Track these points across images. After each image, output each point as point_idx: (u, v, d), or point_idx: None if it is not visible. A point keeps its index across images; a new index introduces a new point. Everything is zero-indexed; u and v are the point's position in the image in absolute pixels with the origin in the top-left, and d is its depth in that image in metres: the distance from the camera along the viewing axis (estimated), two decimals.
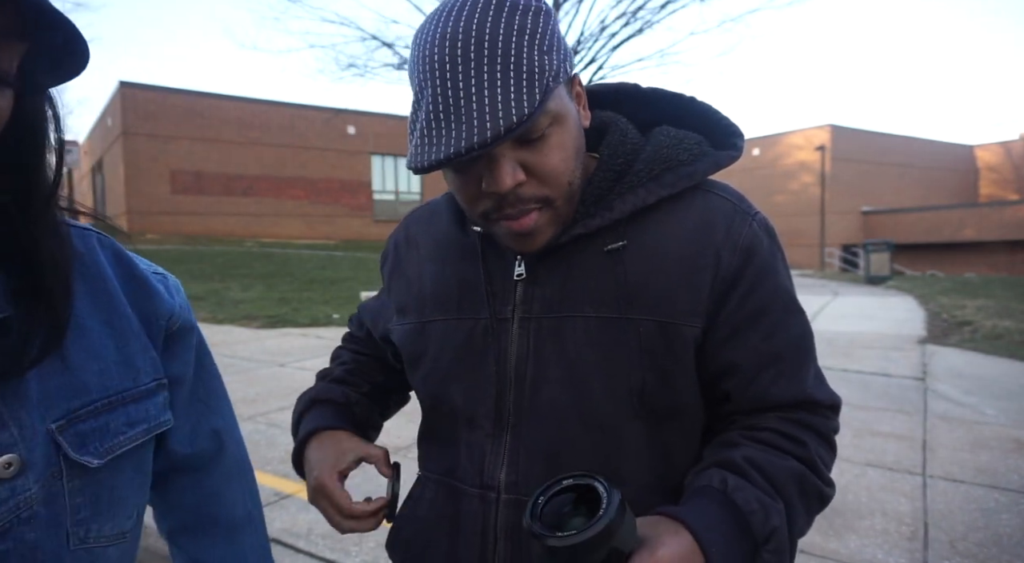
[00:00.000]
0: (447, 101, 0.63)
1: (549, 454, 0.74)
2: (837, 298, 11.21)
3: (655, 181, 0.75)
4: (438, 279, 0.84)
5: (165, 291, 0.70)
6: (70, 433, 0.57)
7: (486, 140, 0.60)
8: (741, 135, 0.79)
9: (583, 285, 0.74)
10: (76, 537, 0.58)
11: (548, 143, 0.68)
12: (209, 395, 0.79)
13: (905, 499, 3.02)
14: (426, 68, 0.65)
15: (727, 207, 0.76)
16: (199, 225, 21.06)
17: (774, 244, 0.77)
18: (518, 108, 0.61)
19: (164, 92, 20.74)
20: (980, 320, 7.77)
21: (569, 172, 0.71)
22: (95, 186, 26.44)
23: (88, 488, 0.59)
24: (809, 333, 0.78)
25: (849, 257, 25.79)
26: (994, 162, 34.12)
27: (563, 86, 0.69)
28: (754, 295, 0.73)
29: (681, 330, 0.72)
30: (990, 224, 25.21)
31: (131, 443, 0.63)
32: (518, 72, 0.63)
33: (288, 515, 2.88)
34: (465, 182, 0.70)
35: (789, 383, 0.74)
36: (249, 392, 5.02)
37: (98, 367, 0.60)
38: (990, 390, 4.90)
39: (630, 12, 13.27)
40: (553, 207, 0.71)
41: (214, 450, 0.79)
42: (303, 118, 22.66)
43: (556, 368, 0.74)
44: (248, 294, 10.46)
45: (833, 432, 0.77)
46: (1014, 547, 2.56)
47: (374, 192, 24.15)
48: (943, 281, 14.06)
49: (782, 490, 0.68)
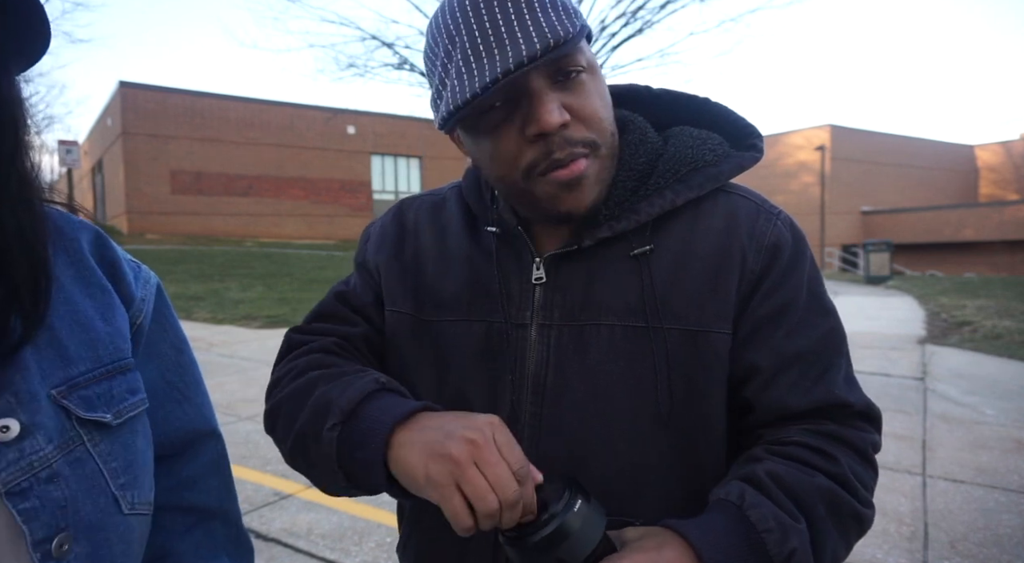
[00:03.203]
0: (485, 33, 0.62)
1: (568, 464, 0.70)
2: (837, 298, 11.20)
3: (682, 183, 0.72)
4: (444, 277, 0.79)
5: (134, 281, 0.71)
6: (74, 398, 0.58)
7: (535, 54, 0.59)
8: (760, 136, 0.77)
9: (607, 291, 0.71)
10: (127, 502, 0.60)
11: (586, 87, 0.66)
12: (186, 385, 0.78)
13: (905, 499, 3.02)
14: (458, 16, 0.64)
15: (751, 208, 0.74)
16: (199, 225, 21.06)
17: (801, 243, 0.74)
18: (562, 28, 0.61)
19: (164, 92, 20.75)
20: (980, 320, 7.77)
21: (609, 120, 0.69)
22: (95, 186, 26.44)
23: (119, 452, 0.61)
24: (839, 333, 0.74)
25: (849, 257, 25.79)
26: (994, 162, 34.12)
27: (588, 45, 0.69)
28: (777, 293, 0.71)
29: (711, 338, 0.69)
30: (990, 224, 25.21)
31: (137, 408, 0.65)
32: (554, 5, 0.63)
33: (288, 515, 2.88)
34: (504, 137, 0.66)
35: (814, 385, 0.69)
36: (249, 392, 5.01)
37: (88, 338, 0.62)
38: (990, 390, 4.90)
39: (630, 12, 13.28)
40: (599, 155, 0.68)
41: (190, 439, 0.78)
42: (303, 118, 22.67)
43: (577, 379, 0.71)
44: (248, 294, 10.46)
45: (872, 447, 0.70)
46: (1014, 547, 2.56)
47: (374, 192, 24.17)
48: (943, 281, 14.06)
49: (807, 509, 0.62)
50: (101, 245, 0.69)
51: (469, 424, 0.59)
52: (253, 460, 3.59)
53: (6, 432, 0.53)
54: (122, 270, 0.70)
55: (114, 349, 0.64)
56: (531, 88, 0.64)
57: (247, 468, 3.47)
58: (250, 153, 21.86)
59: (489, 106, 0.65)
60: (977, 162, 34.38)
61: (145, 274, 0.74)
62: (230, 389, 5.11)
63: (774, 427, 0.70)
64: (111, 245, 0.70)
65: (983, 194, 33.97)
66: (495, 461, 0.56)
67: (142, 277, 0.73)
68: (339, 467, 0.64)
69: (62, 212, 0.67)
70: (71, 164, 19.92)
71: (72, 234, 0.66)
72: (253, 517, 2.87)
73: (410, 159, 25.13)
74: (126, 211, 20.33)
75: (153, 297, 0.74)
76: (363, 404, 0.65)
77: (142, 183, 20.23)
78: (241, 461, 3.56)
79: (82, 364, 0.60)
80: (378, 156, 24.36)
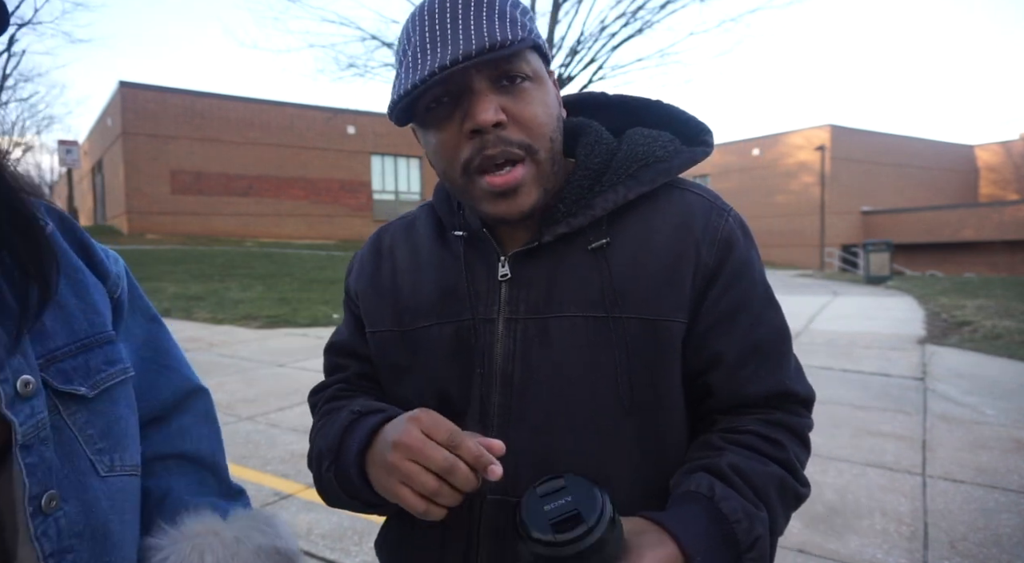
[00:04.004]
0: (434, 32, 0.68)
1: (536, 454, 0.74)
2: (837, 298, 11.21)
3: (633, 178, 0.77)
4: (418, 287, 0.83)
5: (106, 258, 0.76)
6: (52, 371, 0.62)
7: (471, 53, 0.64)
8: (710, 132, 0.82)
9: (568, 285, 0.75)
10: (104, 465, 0.64)
11: (528, 94, 0.71)
12: (163, 355, 0.83)
13: (905, 499, 3.02)
14: (416, 21, 0.71)
15: (703, 204, 0.78)
16: (199, 225, 21.07)
17: (749, 239, 0.79)
18: (501, 34, 0.66)
19: (164, 92, 20.76)
20: (980, 320, 7.77)
21: (551, 129, 0.73)
22: (95, 186, 26.45)
23: (95, 420, 0.65)
24: (787, 327, 0.80)
25: (849, 257, 25.80)
26: (994, 162, 34.13)
27: (539, 57, 0.74)
28: (735, 288, 0.76)
29: (668, 326, 0.73)
30: (990, 224, 25.22)
31: (116, 378, 0.68)
32: (501, 15, 0.69)
33: (288, 515, 2.88)
34: (446, 131, 0.72)
35: (770, 374, 0.76)
36: (249, 392, 5.02)
37: (63, 314, 0.65)
38: (990, 390, 4.90)
39: (630, 12, 13.31)
40: (537, 161, 0.72)
41: (178, 399, 0.84)
42: (303, 118, 22.68)
43: (543, 369, 0.74)
44: (248, 294, 10.46)
45: (807, 430, 0.79)
46: (1014, 547, 2.56)
47: (374, 192, 24.16)
48: (943, 281, 14.07)
49: (765, 498, 0.69)
50: (70, 228, 0.73)
51: (396, 426, 0.68)
52: (253, 460, 3.59)
53: (27, 387, 0.58)
54: (93, 248, 0.74)
55: (88, 324, 0.67)
56: (473, 87, 0.69)
57: (247, 468, 3.46)
58: (250, 153, 21.87)
59: (433, 103, 0.71)
60: (977, 162, 34.39)
61: (114, 255, 0.79)
62: (230, 389, 5.11)
63: (730, 414, 0.77)
64: (78, 227, 0.74)
65: (983, 194, 33.99)
66: (419, 446, 0.64)
67: (112, 256, 0.78)
68: (350, 497, 0.75)
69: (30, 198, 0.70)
70: (71, 164, 19.94)
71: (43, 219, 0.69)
72: None
73: (410, 159, 25.13)
74: (126, 211, 20.33)
75: (125, 275, 0.78)
76: (343, 440, 0.74)
77: (142, 183, 20.24)
78: (241, 461, 3.55)
79: (58, 339, 0.64)
80: (378, 156, 24.36)
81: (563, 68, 15.03)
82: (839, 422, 4.15)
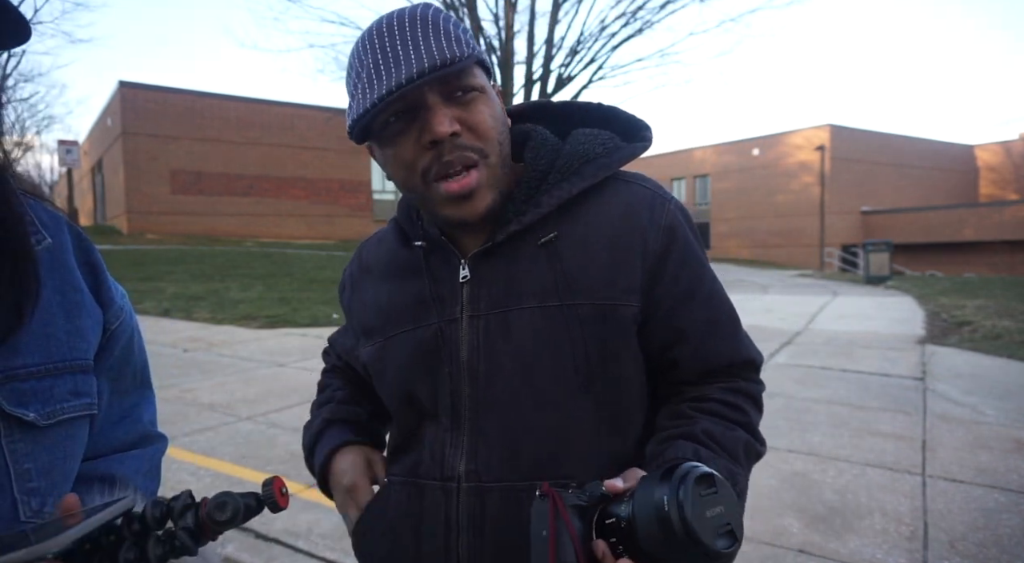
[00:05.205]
0: (386, 54, 0.73)
1: (506, 440, 0.79)
2: (837, 298, 11.21)
3: (577, 174, 0.83)
4: (392, 297, 0.89)
5: (114, 288, 0.72)
6: (6, 389, 0.56)
7: (424, 70, 0.69)
8: (648, 128, 0.89)
9: (524, 279, 0.80)
10: (28, 510, 0.55)
11: (477, 104, 0.77)
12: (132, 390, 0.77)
13: (905, 499, 3.02)
14: (366, 45, 0.75)
15: (646, 194, 0.84)
16: (199, 225, 21.06)
17: (691, 223, 0.87)
18: (450, 51, 0.72)
19: (164, 92, 20.75)
20: (980, 320, 7.78)
21: (499, 134, 0.79)
22: (95, 186, 26.45)
23: (39, 454, 0.57)
24: (730, 300, 0.88)
25: (849, 257, 25.80)
26: (994, 162, 34.13)
27: (483, 71, 0.80)
28: (687, 270, 0.82)
29: (619, 310, 0.79)
30: (990, 224, 25.22)
31: (76, 411, 0.61)
32: (447, 34, 0.74)
33: (288, 515, 2.88)
34: (403, 145, 0.76)
35: (729, 344, 0.84)
36: (249, 392, 5.02)
37: (43, 332, 0.60)
38: (990, 390, 4.90)
39: (630, 12, 13.32)
40: (489, 164, 0.77)
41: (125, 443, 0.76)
42: (303, 118, 22.67)
43: (506, 359, 0.79)
44: (248, 294, 10.46)
45: (761, 393, 0.87)
46: (1014, 547, 2.56)
47: (374, 192, 24.14)
48: (942, 281, 14.07)
49: (736, 459, 0.77)
50: (85, 248, 0.69)
51: (346, 470, 0.93)
52: (253, 460, 3.59)
53: None
54: (103, 274, 0.70)
55: (69, 348, 0.62)
56: (427, 103, 0.74)
57: (247, 468, 3.47)
58: (250, 153, 21.87)
59: (391, 119, 0.75)
60: (977, 162, 34.38)
61: (122, 290, 0.75)
62: (230, 389, 5.11)
63: (695, 385, 0.84)
64: (94, 249, 0.71)
65: (983, 194, 33.97)
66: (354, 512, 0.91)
67: (121, 290, 0.74)
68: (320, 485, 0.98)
69: (47, 209, 0.67)
70: (71, 164, 19.95)
71: (57, 229, 0.66)
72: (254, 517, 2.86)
73: None
74: (126, 211, 20.33)
75: (131, 315, 0.74)
76: (314, 450, 0.97)
77: (142, 183, 20.23)
78: (241, 461, 3.55)
79: (29, 356, 0.58)
80: None
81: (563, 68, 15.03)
82: (839, 422, 4.15)
